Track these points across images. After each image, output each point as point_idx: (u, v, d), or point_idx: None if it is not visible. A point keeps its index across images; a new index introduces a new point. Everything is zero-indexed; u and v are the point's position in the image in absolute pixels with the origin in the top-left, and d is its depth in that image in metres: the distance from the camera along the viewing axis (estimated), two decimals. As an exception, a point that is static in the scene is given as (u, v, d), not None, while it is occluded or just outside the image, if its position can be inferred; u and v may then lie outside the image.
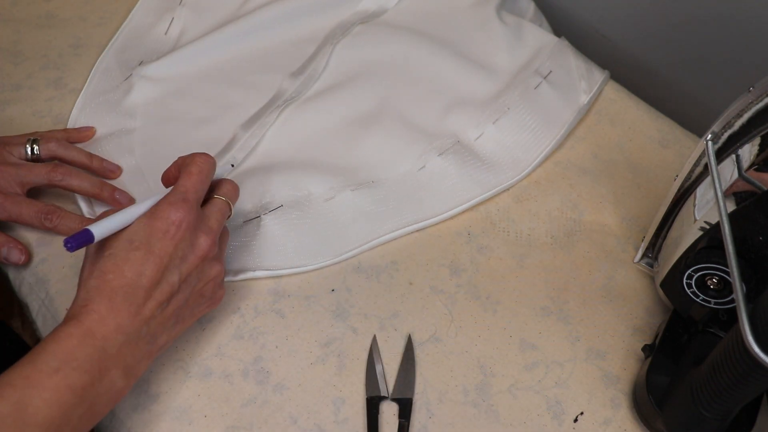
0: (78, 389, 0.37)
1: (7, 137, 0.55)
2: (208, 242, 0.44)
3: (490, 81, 0.66)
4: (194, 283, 0.44)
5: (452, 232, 0.57)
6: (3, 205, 0.50)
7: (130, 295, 0.40)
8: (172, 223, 0.42)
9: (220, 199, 0.47)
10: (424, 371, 0.49)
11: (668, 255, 0.48)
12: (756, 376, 0.34)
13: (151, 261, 0.40)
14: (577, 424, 0.47)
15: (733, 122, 0.42)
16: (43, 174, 0.52)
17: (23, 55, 0.68)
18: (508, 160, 0.61)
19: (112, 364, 0.39)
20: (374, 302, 0.52)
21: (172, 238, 0.41)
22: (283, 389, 0.48)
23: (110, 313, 0.39)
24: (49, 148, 0.54)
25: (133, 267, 0.40)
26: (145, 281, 0.40)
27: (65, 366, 0.36)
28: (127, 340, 0.39)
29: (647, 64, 0.71)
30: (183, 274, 0.42)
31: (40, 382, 0.36)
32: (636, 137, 0.64)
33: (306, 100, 0.64)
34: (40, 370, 0.36)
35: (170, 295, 0.41)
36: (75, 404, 0.36)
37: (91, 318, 0.38)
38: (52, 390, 0.36)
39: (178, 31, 0.70)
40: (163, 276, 0.41)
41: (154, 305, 0.41)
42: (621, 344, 0.51)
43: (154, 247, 0.41)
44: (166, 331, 0.42)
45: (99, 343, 0.38)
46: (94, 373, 0.37)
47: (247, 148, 0.60)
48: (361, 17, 0.71)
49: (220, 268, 0.46)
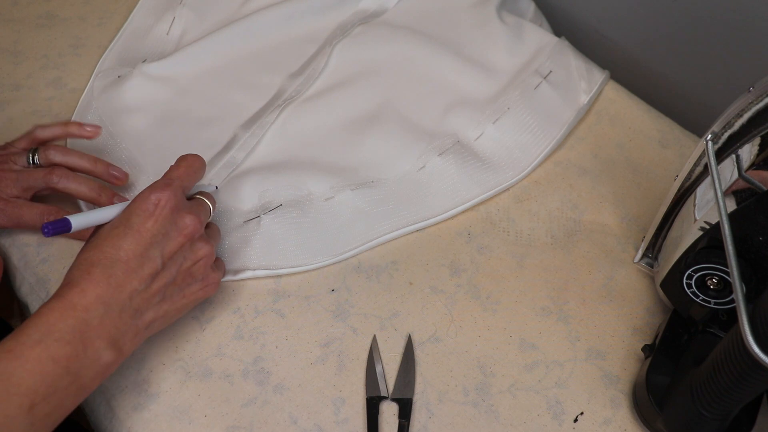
0: (61, 359, 0.37)
1: (12, 145, 0.55)
2: (194, 221, 0.44)
3: (490, 81, 0.66)
4: (181, 261, 0.44)
5: (452, 232, 0.57)
6: (4, 210, 0.51)
7: (109, 267, 0.40)
8: (152, 203, 0.43)
9: (202, 198, 0.49)
10: (424, 371, 0.49)
11: (668, 255, 0.48)
12: (756, 376, 0.34)
13: (129, 236, 0.42)
14: (577, 424, 0.47)
15: (733, 122, 0.42)
16: (41, 177, 0.52)
17: (23, 55, 0.68)
18: (508, 160, 0.61)
19: (95, 334, 0.39)
20: (374, 302, 0.52)
21: (151, 215, 0.43)
22: (283, 389, 0.48)
23: (90, 285, 0.40)
24: (48, 156, 0.53)
25: (112, 242, 0.41)
26: (122, 254, 0.41)
27: (47, 338, 0.37)
28: (108, 311, 0.40)
29: (647, 64, 0.71)
30: (165, 252, 0.43)
31: (22, 354, 0.36)
32: (636, 137, 0.64)
33: (306, 99, 0.64)
34: (22, 342, 0.37)
35: (153, 270, 0.42)
36: (59, 375, 0.37)
37: (72, 292, 0.39)
38: (34, 361, 0.36)
39: (180, 31, 0.70)
40: (144, 251, 0.42)
41: (136, 280, 0.41)
42: (621, 344, 0.51)
43: (132, 223, 0.42)
44: (152, 307, 0.43)
45: (80, 315, 0.39)
46: (77, 344, 0.38)
47: (247, 147, 0.60)
48: (361, 17, 0.71)
49: (210, 249, 0.46)
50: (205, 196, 0.49)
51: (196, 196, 0.49)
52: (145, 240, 0.42)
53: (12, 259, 0.54)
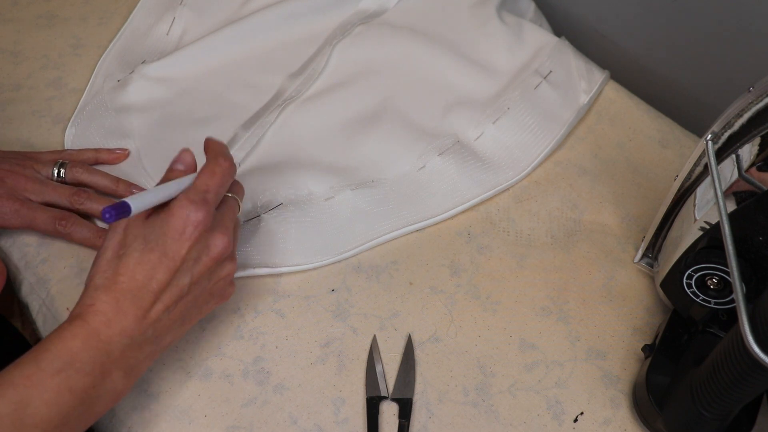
0: (79, 391, 0.37)
1: (38, 153, 0.55)
2: (225, 242, 0.43)
3: (490, 81, 0.66)
4: (205, 284, 0.43)
5: (452, 232, 0.57)
6: (19, 212, 0.51)
7: (139, 299, 0.39)
8: (189, 224, 0.41)
9: (231, 196, 0.47)
10: (424, 371, 0.49)
11: (668, 255, 0.48)
12: (756, 376, 0.34)
13: (164, 265, 0.40)
14: (577, 424, 0.47)
15: (733, 122, 0.42)
16: (66, 196, 0.52)
17: (23, 55, 0.68)
18: (508, 160, 0.61)
19: (113, 366, 0.39)
20: (374, 302, 0.52)
21: (187, 239, 0.41)
22: (283, 389, 0.48)
23: (116, 316, 0.39)
24: (75, 174, 0.54)
25: (145, 270, 0.40)
26: (155, 285, 0.40)
27: (68, 367, 0.36)
28: (131, 344, 0.39)
29: (647, 64, 0.71)
30: (195, 276, 0.42)
31: (41, 383, 0.35)
32: (636, 137, 0.64)
33: (306, 99, 0.64)
34: (42, 369, 0.36)
35: (179, 298, 0.41)
36: (75, 406, 0.36)
37: (98, 319, 0.38)
38: (53, 391, 0.36)
39: (180, 32, 0.70)
40: (173, 278, 0.41)
41: (161, 308, 0.40)
42: (621, 344, 0.51)
43: (168, 249, 0.40)
44: (171, 332, 0.42)
45: (103, 346, 0.38)
46: (96, 375, 0.37)
47: (248, 147, 0.60)
48: (361, 17, 0.71)
49: (233, 266, 0.45)
50: (235, 190, 0.48)
51: (224, 196, 0.47)
52: (176, 266, 0.40)
53: (12, 259, 0.54)
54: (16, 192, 0.51)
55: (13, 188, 0.51)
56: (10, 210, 0.51)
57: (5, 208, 0.51)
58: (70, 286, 0.52)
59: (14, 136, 0.61)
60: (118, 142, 0.60)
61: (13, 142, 0.61)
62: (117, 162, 0.58)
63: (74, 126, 0.62)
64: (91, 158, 0.57)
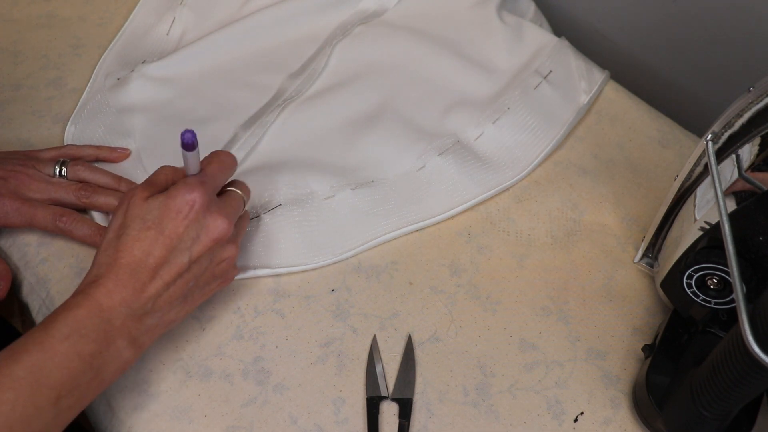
0: (86, 356, 0.39)
1: (38, 152, 0.56)
2: (224, 223, 0.44)
3: (490, 81, 0.66)
4: (206, 264, 0.45)
5: (452, 232, 0.57)
6: (20, 210, 0.51)
7: (136, 272, 0.41)
8: (186, 203, 0.43)
9: (235, 191, 0.48)
10: (424, 371, 0.49)
11: (668, 255, 0.48)
12: (756, 376, 0.34)
13: (160, 242, 0.42)
14: (577, 424, 0.47)
15: (733, 122, 0.42)
16: (72, 191, 0.53)
17: (23, 55, 0.68)
18: (508, 160, 0.61)
19: (117, 334, 0.41)
20: (374, 302, 0.52)
21: (184, 218, 0.42)
22: (283, 389, 0.48)
23: (116, 288, 0.41)
24: (76, 172, 0.55)
25: (143, 246, 0.42)
26: (152, 261, 0.42)
27: (74, 333, 0.39)
28: (131, 313, 0.41)
29: (647, 64, 0.71)
30: (194, 255, 0.43)
31: (52, 348, 0.38)
32: (636, 137, 0.64)
33: (306, 99, 0.64)
34: (52, 336, 0.38)
35: (177, 275, 0.43)
36: (83, 370, 0.39)
37: (99, 291, 0.41)
38: (62, 355, 0.38)
39: (180, 32, 0.70)
40: (171, 255, 0.42)
41: (160, 284, 0.42)
42: (621, 344, 0.51)
43: (165, 227, 0.42)
44: (173, 308, 0.44)
45: (105, 315, 0.40)
46: (101, 342, 0.40)
47: (248, 147, 0.60)
48: (361, 17, 0.71)
49: (235, 249, 0.46)
50: (238, 186, 0.49)
51: (228, 189, 0.48)
52: (173, 244, 0.42)
53: (12, 259, 0.54)
54: (20, 191, 0.52)
55: (17, 188, 0.51)
56: (12, 209, 0.51)
57: (7, 207, 0.51)
58: (70, 286, 0.52)
59: (14, 135, 0.61)
60: (118, 141, 0.60)
61: (12, 142, 0.61)
62: (118, 161, 0.59)
63: (74, 124, 0.62)
64: (92, 155, 0.58)
